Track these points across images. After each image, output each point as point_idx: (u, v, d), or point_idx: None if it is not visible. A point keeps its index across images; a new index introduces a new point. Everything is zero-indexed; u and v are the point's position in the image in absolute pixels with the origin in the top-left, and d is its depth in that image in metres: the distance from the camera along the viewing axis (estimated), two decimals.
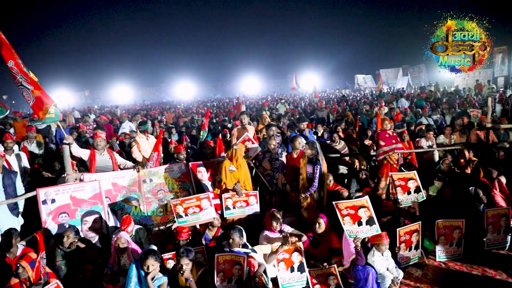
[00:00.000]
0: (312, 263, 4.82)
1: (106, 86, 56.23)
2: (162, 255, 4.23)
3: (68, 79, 52.08)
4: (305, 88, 31.47)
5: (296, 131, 7.42)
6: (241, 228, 4.58)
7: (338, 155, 7.58)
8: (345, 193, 6.24)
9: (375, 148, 7.23)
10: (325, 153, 6.37)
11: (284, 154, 6.29)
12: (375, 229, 4.52)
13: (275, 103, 23.92)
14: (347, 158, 7.75)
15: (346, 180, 7.19)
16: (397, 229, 4.73)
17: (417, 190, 5.61)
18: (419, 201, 5.61)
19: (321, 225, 4.88)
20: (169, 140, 8.44)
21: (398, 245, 4.74)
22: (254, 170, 6.39)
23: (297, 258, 4.70)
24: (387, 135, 6.82)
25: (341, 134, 8.49)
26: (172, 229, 5.20)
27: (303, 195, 5.46)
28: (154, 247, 4.20)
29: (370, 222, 4.52)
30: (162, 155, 6.97)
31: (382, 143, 6.77)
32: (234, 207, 5.34)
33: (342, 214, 4.55)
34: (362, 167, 7.64)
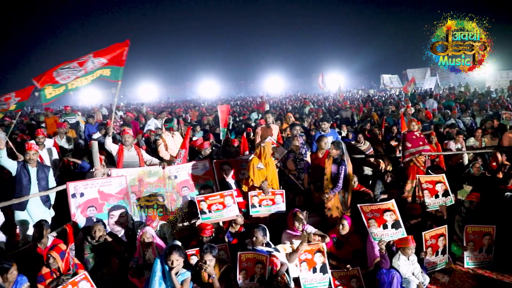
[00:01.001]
0: (335, 264, 4.77)
1: (132, 84, 57.44)
2: (186, 251, 4.28)
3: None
4: (329, 88, 31.17)
5: (319, 131, 7.38)
6: (265, 227, 4.59)
7: (363, 155, 7.47)
8: (370, 195, 6.15)
9: (400, 149, 7.08)
10: (349, 153, 6.29)
11: (309, 153, 6.24)
12: (401, 233, 4.42)
13: (298, 102, 23.81)
14: (372, 159, 7.63)
15: (370, 181, 7.08)
16: (423, 233, 4.62)
17: (446, 194, 5.45)
18: (447, 205, 5.45)
19: (345, 227, 4.82)
20: (193, 138, 8.53)
21: (424, 249, 4.63)
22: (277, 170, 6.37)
23: (319, 259, 4.66)
24: (414, 137, 6.67)
25: (366, 134, 8.36)
26: (196, 225, 5.25)
27: (326, 196, 5.41)
28: (179, 243, 4.26)
29: (395, 225, 4.43)
30: None
31: (409, 144, 6.63)
32: (260, 205, 5.34)
33: (367, 217, 4.48)
34: (388, 168, 7.50)
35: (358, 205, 4.56)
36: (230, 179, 6.08)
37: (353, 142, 7.87)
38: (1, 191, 5.82)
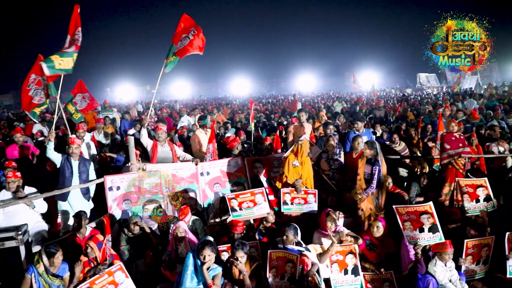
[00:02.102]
0: (367, 267, 4.67)
1: (166, 81, 58.60)
2: (218, 246, 4.33)
3: (132, 74, 55.32)
4: (363, 87, 30.52)
5: (353, 130, 7.24)
6: (296, 226, 4.55)
7: (398, 156, 7.26)
8: (405, 197, 5.97)
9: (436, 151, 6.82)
10: (384, 154, 6.13)
11: (342, 153, 6.13)
12: (438, 237, 4.25)
13: (331, 101, 23.50)
14: (407, 161, 7.40)
15: (405, 183, 6.87)
16: (465, 241, 4.42)
17: (487, 199, 5.20)
18: (489, 210, 5.19)
19: (380, 229, 4.70)
20: (225, 136, 8.61)
21: (464, 257, 4.44)
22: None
23: (351, 261, 4.58)
24: (453, 138, 6.43)
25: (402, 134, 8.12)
26: (227, 222, 5.29)
27: (359, 196, 5.30)
28: (211, 238, 4.31)
29: (433, 229, 4.26)
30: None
31: (447, 146, 6.39)
32: (292, 203, 5.31)
33: (403, 219, 4.34)
34: (424, 170, 7.25)
35: (394, 206, 4.43)
36: (262, 177, 6.08)
37: (387, 143, 7.68)
38: (44, 182, 6.14)
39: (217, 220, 5.43)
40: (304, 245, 4.52)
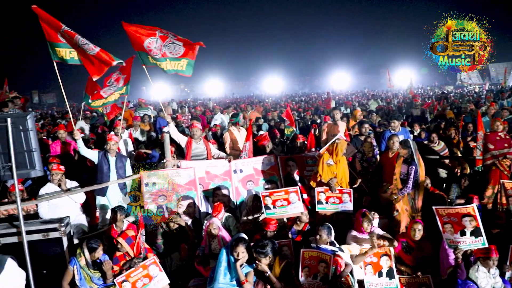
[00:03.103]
0: (403, 269, 4.53)
1: (199, 80, 59.61)
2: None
3: (166, 73, 56.34)
4: (399, 84, 29.63)
5: (389, 129, 7.04)
6: (330, 226, 4.49)
7: (437, 156, 6.98)
8: (444, 199, 5.74)
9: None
10: (422, 153, 5.92)
11: (378, 154, 5.98)
12: (481, 242, 4.03)
13: (365, 99, 22.99)
14: (447, 161, 7.11)
15: (444, 184, 6.61)
16: (511, 246, 4.18)
17: None
18: None
19: (420, 232, 4.52)
20: (258, 133, 8.62)
21: (508, 263, 4.20)
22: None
23: (386, 263, 4.46)
24: (497, 138, 6.10)
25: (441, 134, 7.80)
26: (260, 220, 5.30)
27: (395, 197, 5.14)
28: (244, 236, 4.33)
29: (475, 233, 4.04)
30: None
31: (491, 146, 6.07)
32: (326, 202, 5.24)
33: (443, 221, 4.16)
34: (465, 171, 6.93)
35: (433, 208, 4.24)
36: (295, 175, 6.05)
37: (426, 142, 7.41)
38: (85, 177, 6.40)
39: (250, 217, 5.45)
40: (337, 245, 4.45)
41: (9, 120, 3.76)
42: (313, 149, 6.80)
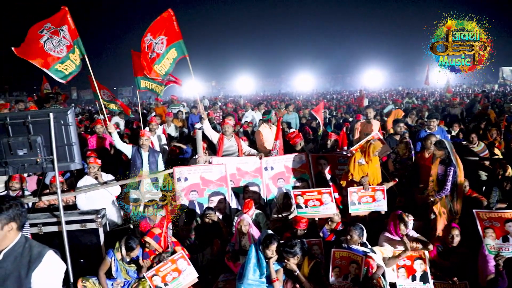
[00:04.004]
0: (438, 274, 4.36)
1: (230, 77, 60.10)
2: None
3: (198, 70, 57.25)
4: (436, 82, 28.54)
5: (425, 129, 6.80)
6: (362, 226, 4.39)
7: (476, 158, 6.67)
8: (484, 202, 5.48)
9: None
10: (460, 155, 5.67)
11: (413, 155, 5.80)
12: None
13: (400, 96, 22.34)
14: (487, 163, 6.77)
15: (484, 187, 6.30)
16: None
17: None
18: None
19: (457, 237, 4.33)
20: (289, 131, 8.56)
21: None
22: None
23: (420, 267, 4.31)
24: None
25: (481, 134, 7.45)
26: (290, 218, 5.27)
27: (432, 199, 4.96)
28: (273, 233, 4.31)
29: None
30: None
31: None
32: (359, 202, 5.13)
33: (483, 225, 3.96)
34: (507, 174, 6.58)
35: (474, 211, 4.05)
36: (326, 174, 5.97)
37: (464, 142, 7.10)
38: (120, 171, 6.59)
39: (280, 215, 5.43)
40: (369, 247, 4.35)
41: (51, 114, 3.92)
42: (345, 148, 6.69)
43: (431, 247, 4.38)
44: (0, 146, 3.94)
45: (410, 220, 4.89)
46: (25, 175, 5.76)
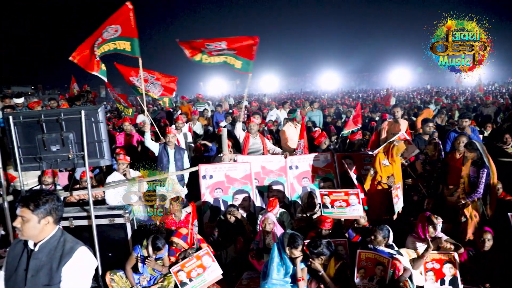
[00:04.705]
0: (468, 279, 4.22)
1: (254, 75, 60.01)
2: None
3: (222, 69, 57.65)
4: (467, 80, 27.60)
5: (457, 129, 6.58)
6: (388, 228, 4.30)
7: (511, 159, 6.40)
8: None
9: None
10: (493, 156, 5.46)
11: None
12: None
13: (428, 96, 21.73)
14: None
15: None
16: None
17: None
18: None
19: (489, 241, 4.18)
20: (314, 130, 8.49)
21: None
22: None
23: (449, 271, 4.18)
24: None
25: None
26: (314, 217, 5.23)
27: (463, 201, 4.80)
28: (295, 232, 4.29)
29: None
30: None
31: None
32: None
33: None
34: None
35: (510, 214, 3.90)
36: (352, 174, 5.88)
37: (498, 144, 6.82)
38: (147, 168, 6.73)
39: (304, 215, 5.40)
40: (396, 248, 4.26)
41: (83, 112, 4.05)
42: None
43: (461, 249, 4.25)
44: (35, 142, 4.12)
45: (439, 222, 4.76)
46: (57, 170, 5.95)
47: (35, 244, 2.20)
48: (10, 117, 4.11)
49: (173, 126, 6.83)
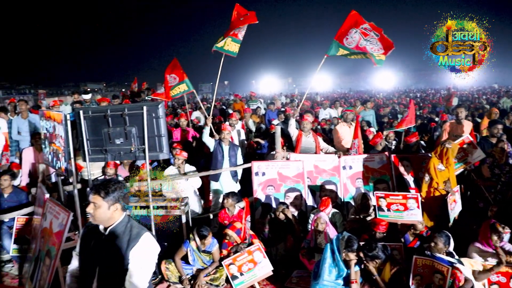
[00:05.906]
0: None
1: (306, 74, 59.57)
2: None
3: (275, 67, 57.95)
4: None
5: None
6: (449, 234, 4.07)
7: None
8: None
9: None
10: None
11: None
12: None
13: (495, 95, 20.21)
14: None
15: None
16: None
17: None
18: None
19: None
20: (365, 129, 8.25)
21: None
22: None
23: None
24: None
25: None
26: (367, 219, 5.09)
27: None
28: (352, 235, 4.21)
29: None
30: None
31: None
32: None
33: None
34: None
35: None
36: (408, 176, 5.64)
37: None
38: (201, 163, 6.94)
39: (357, 216, 5.27)
40: (456, 257, 4.02)
41: (145, 108, 4.28)
42: None
43: None
44: (101, 135, 4.41)
45: (506, 232, 4.42)
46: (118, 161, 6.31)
47: (105, 229, 2.37)
48: (81, 112, 4.44)
49: (227, 123, 6.96)
